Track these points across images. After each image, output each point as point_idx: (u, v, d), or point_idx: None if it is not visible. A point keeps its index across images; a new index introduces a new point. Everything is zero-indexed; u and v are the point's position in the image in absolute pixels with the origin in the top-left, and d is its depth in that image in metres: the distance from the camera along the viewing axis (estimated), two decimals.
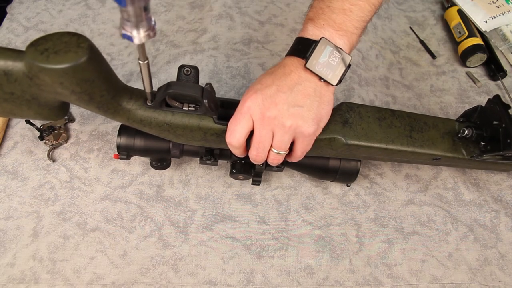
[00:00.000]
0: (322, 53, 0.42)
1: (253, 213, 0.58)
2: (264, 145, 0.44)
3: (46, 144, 0.61)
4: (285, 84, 0.42)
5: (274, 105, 0.41)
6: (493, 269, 0.55)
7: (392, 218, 0.58)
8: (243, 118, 0.43)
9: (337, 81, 0.43)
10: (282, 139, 0.43)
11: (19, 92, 0.40)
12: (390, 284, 0.53)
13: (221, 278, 0.53)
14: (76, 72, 0.36)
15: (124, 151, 0.52)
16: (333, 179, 0.56)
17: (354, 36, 0.45)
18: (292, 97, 0.42)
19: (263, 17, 0.77)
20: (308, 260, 0.55)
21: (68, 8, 0.77)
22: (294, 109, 0.42)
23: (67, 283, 0.51)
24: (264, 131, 0.43)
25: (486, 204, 0.60)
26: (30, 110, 0.43)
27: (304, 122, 0.42)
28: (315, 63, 0.42)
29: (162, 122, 0.45)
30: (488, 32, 0.77)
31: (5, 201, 0.57)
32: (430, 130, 0.53)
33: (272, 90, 0.42)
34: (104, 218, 0.56)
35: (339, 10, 0.44)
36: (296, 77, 0.43)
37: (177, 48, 0.72)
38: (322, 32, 0.44)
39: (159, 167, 0.56)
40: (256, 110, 0.42)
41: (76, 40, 0.36)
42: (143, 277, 0.52)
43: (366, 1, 0.45)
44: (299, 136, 0.43)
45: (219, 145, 0.49)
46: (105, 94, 0.41)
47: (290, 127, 0.42)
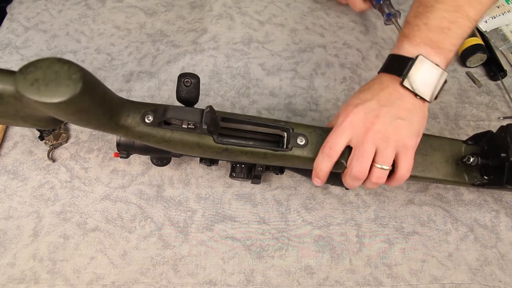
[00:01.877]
0: (419, 70, 0.42)
1: (253, 213, 0.58)
2: (368, 159, 0.42)
3: (46, 144, 0.61)
4: (385, 98, 0.42)
5: (377, 119, 0.41)
6: (493, 269, 0.55)
7: (392, 218, 0.58)
8: (344, 132, 0.42)
9: (433, 98, 0.43)
10: (385, 153, 0.42)
11: (13, 111, 0.40)
12: (390, 284, 0.53)
13: (221, 278, 0.53)
14: (69, 106, 0.34)
15: (124, 150, 0.52)
16: (333, 183, 0.56)
17: (451, 53, 0.44)
18: (394, 110, 0.42)
19: (263, 17, 0.77)
20: (308, 260, 0.54)
21: (68, 8, 0.77)
22: (397, 122, 0.41)
23: (67, 283, 0.51)
24: (368, 145, 0.42)
25: (486, 204, 0.60)
26: (26, 123, 0.43)
27: (407, 134, 0.42)
28: (412, 80, 0.42)
29: (161, 139, 0.44)
30: (488, 32, 0.77)
31: (5, 201, 0.57)
32: (435, 153, 0.52)
33: (373, 104, 0.42)
34: (104, 218, 0.56)
35: (437, 28, 0.43)
36: (394, 93, 0.42)
37: (177, 48, 0.72)
38: (418, 50, 0.43)
39: (160, 164, 0.56)
40: (359, 124, 0.42)
41: (67, 70, 0.34)
42: (143, 277, 0.52)
43: (466, 17, 0.43)
44: (401, 150, 0.43)
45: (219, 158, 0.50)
46: (101, 118, 0.40)
47: (394, 140, 0.42)
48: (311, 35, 0.75)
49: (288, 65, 0.71)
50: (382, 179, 0.44)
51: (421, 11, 0.44)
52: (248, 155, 0.46)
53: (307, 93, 0.68)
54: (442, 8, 0.43)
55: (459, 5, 0.42)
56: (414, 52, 0.43)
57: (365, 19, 0.78)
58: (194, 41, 0.72)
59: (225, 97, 0.67)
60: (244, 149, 0.46)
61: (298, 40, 0.74)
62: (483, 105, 0.70)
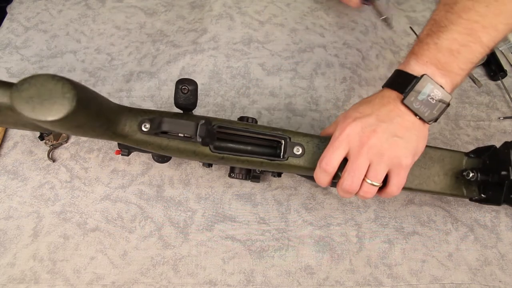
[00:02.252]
0: (422, 90, 0.41)
1: (253, 213, 0.58)
2: (360, 174, 0.42)
3: (46, 144, 0.61)
4: (384, 114, 0.42)
5: (374, 134, 0.41)
6: (493, 269, 0.55)
7: (392, 218, 0.58)
8: (340, 145, 0.42)
9: (433, 121, 0.43)
10: (378, 169, 0.42)
11: (12, 120, 0.41)
12: (390, 284, 0.53)
13: (221, 278, 0.53)
14: (64, 123, 0.35)
15: (125, 148, 0.52)
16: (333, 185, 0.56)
17: (459, 77, 0.43)
18: (392, 127, 0.41)
19: (263, 17, 0.77)
20: (308, 260, 0.54)
21: (68, 8, 0.77)
22: (393, 139, 0.41)
23: (67, 283, 0.51)
24: (361, 160, 0.42)
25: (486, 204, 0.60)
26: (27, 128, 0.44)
27: (402, 153, 0.41)
28: (413, 100, 0.41)
29: (158, 146, 0.45)
30: None
31: (5, 201, 0.57)
32: (434, 166, 0.51)
33: (372, 119, 0.42)
34: (104, 218, 0.56)
35: (446, 50, 0.42)
36: (395, 109, 0.42)
37: (177, 48, 0.72)
38: (424, 69, 0.42)
39: (161, 161, 0.56)
40: (355, 138, 0.42)
41: (61, 88, 0.34)
42: (143, 277, 0.52)
43: (479, 42, 0.41)
44: (395, 167, 0.42)
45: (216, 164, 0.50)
46: (98, 129, 0.41)
47: (388, 157, 0.41)
48: (311, 35, 0.75)
49: (288, 65, 0.71)
50: (371, 194, 0.44)
51: (434, 30, 0.43)
52: (244, 164, 0.47)
53: (307, 93, 0.68)
54: (455, 30, 0.41)
55: (473, 29, 0.41)
56: (420, 71, 0.42)
57: (365, 19, 0.78)
58: (194, 41, 0.72)
59: (225, 97, 0.67)
60: (240, 158, 0.46)
61: (298, 40, 0.74)
62: (483, 105, 0.70)
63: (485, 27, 0.41)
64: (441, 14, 0.43)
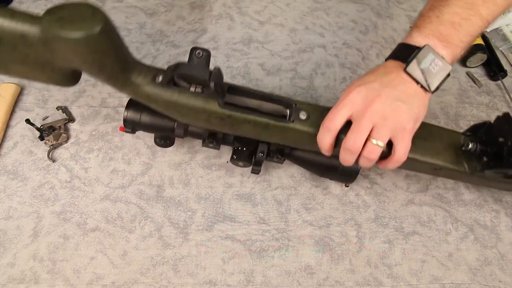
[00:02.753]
0: (424, 59, 0.43)
1: (253, 213, 0.58)
2: (363, 134, 0.43)
3: (46, 144, 0.61)
4: (388, 81, 0.43)
5: (378, 98, 0.42)
6: (493, 269, 0.55)
7: (392, 218, 0.58)
8: (345, 107, 0.43)
9: (434, 89, 0.44)
10: (381, 132, 0.43)
11: (34, 55, 0.42)
12: (390, 284, 0.53)
13: (221, 278, 0.53)
14: (89, 42, 0.37)
15: (130, 124, 0.53)
16: (332, 177, 0.57)
17: (458, 48, 0.45)
18: (395, 93, 0.43)
19: (263, 17, 0.77)
20: (308, 260, 0.54)
21: None
22: (397, 104, 0.42)
23: (67, 283, 0.51)
24: (365, 122, 0.43)
25: (486, 204, 0.60)
26: (43, 74, 0.44)
27: (405, 117, 0.43)
28: (415, 68, 0.43)
29: (168, 100, 0.45)
30: (489, 32, 0.77)
31: (5, 201, 0.57)
32: (435, 140, 0.52)
33: (376, 85, 0.43)
34: (104, 218, 0.56)
35: (448, 22, 0.44)
36: (397, 78, 0.44)
37: (177, 48, 0.72)
38: (426, 40, 0.44)
39: (163, 145, 0.56)
40: (359, 101, 0.43)
41: (91, 12, 0.38)
42: (143, 277, 0.52)
43: (479, 16, 0.44)
44: (398, 132, 0.43)
45: (222, 129, 0.50)
46: (115, 67, 0.42)
47: (392, 121, 0.42)
48: (311, 35, 0.75)
49: (288, 65, 0.71)
50: (375, 155, 0.44)
51: (436, 5, 0.45)
52: (251, 124, 0.47)
53: (307, 93, 0.68)
54: (457, 4, 0.44)
55: (473, 3, 0.43)
56: (422, 42, 0.44)
57: (365, 18, 0.78)
58: (194, 41, 0.72)
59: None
60: (247, 117, 0.47)
61: (298, 40, 0.74)
62: (483, 105, 0.70)
63: (485, 1, 0.43)
64: None
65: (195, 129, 0.54)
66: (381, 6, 0.81)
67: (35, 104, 0.65)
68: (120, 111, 0.65)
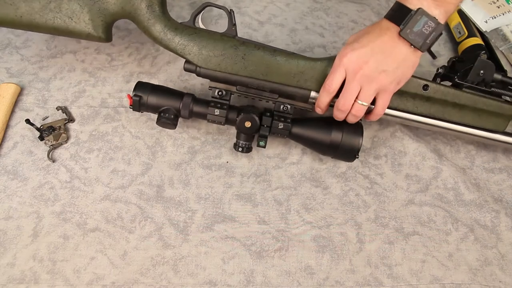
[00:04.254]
0: (417, 23, 0.47)
1: (253, 213, 0.58)
2: (352, 96, 0.51)
3: (46, 144, 0.61)
4: (378, 46, 0.49)
5: (366, 64, 0.49)
6: (494, 269, 0.55)
7: (392, 218, 0.58)
8: (339, 70, 0.50)
9: (426, 48, 0.49)
10: (367, 93, 0.50)
11: None
12: (390, 284, 0.53)
13: (221, 278, 0.53)
14: None
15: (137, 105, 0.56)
16: (334, 155, 0.58)
17: (451, 5, 0.49)
18: (382, 59, 0.48)
19: (263, 17, 0.77)
20: (308, 260, 0.54)
21: None
22: (382, 69, 0.49)
23: (67, 283, 0.51)
24: (354, 84, 0.50)
25: (486, 204, 0.60)
26: (86, 16, 0.53)
27: (388, 81, 0.49)
28: (408, 32, 0.48)
29: (192, 31, 0.54)
30: (488, 32, 0.77)
31: (5, 201, 0.57)
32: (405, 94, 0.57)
33: (367, 50, 0.49)
34: (104, 218, 0.56)
35: None
36: (389, 41, 0.49)
37: None
38: (420, 1, 0.48)
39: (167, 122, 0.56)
40: (350, 66, 0.49)
41: None
42: (143, 277, 0.52)
43: None
44: (381, 92, 0.51)
45: (234, 64, 0.54)
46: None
47: (376, 83, 0.49)
48: (311, 35, 0.75)
49: None
50: (361, 112, 0.52)
51: None
52: (260, 51, 0.54)
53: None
54: None
55: None
56: (416, 3, 0.48)
57: (365, 18, 0.78)
58: None
59: None
60: (258, 44, 0.55)
61: (298, 40, 0.74)
62: None
63: None
64: None
65: (200, 109, 0.56)
66: (381, 6, 0.81)
67: (35, 104, 0.65)
68: (120, 111, 0.65)
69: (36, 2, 0.53)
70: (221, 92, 0.56)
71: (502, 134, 0.59)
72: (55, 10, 0.54)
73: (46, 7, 0.53)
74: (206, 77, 0.56)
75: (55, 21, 0.54)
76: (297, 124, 0.57)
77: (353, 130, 0.56)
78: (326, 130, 0.56)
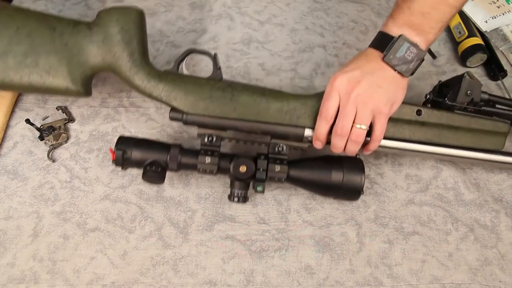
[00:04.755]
0: (399, 49, 0.49)
1: (253, 213, 0.58)
2: (349, 119, 0.49)
3: (46, 144, 0.61)
4: (367, 68, 0.49)
5: (358, 84, 0.48)
6: (494, 269, 0.55)
7: (392, 218, 0.58)
8: (332, 95, 0.50)
9: (409, 74, 0.50)
10: (364, 115, 0.49)
11: (73, 43, 0.52)
12: (390, 284, 0.53)
13: (221, 278, 0.53)
14: (131, 14, 0.52)
15: (120, 161, 0.52)
16: (336, 196, 0.55)
17: (431, 34, 0.50)
18: (373, 79, 0.49)
19: (263, 17, 0.77)
20: (308, 260, 0.54)
21: (68, 8, 0.77)
22: (374, 88, 0.49)
23: (67, 283, 0.51)
24: (349, 106, 0.49)
25: (486, 204, 0.60)
26: (65, 69, 0.51)
27: (382, 101, 0.49)
28: (392, 57, 0.49)
29: (176, 77, 0.53)
30: (489, 32, 0.77)
31: (5, 201, 0.57)
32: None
33: (356, 72, 0.49)
34: (104, 218, 0.56)
35: (418, 12, 0.49)
36: (376, 65, 0.50)
37: (177, 49, 0.72)
38: (401, 30, 0.50)
39: (153, 178, 0.52)
40: (343, 88, 0.49)
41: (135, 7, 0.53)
42: (143, 277, 0.52)
43: (447, 4, 0.48)
44: (377, 114, 0.50)
45: (223, 108, 0.52)
46: (141, 48, 0.53)
47: (371, 104, 0.49)
48: (311, 35, 0.75)
49: (288, 65, 0.71)
50: (361, 137, 0.50)
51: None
52: (249, 92, 0.53)
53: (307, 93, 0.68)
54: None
55: None
56: (397, 32, 0.50)
57: (365, 18, 0.78)
58: (194, 41, 0.72)
59: None
60: (246, 85, 0.54)
61: (298, 40, 0.74)
62: None
63: None
64: None
65: (189, 160, 0.52)
66: (381, 6, 0.81)
67: (35, 104, 0.65)
68: (120, 111, 0.65)
69: (10, 58, 0.50)
70: (211, 137, 0.53)
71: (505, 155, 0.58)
72: (31, 65, 0.50)
73: (22, 63, 0.50)
74: (194, 124, 0.53)
75: (30, 76, 0.51)
76: (294, 166, 0.53)
77: (353, 167, 0.53)
78: (326, 170, 0.53)
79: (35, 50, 0.51)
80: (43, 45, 0.51)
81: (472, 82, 0.54)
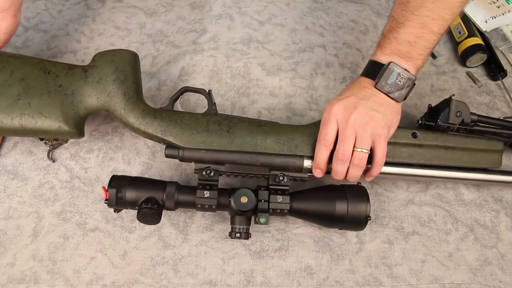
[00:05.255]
0: (390, 75, 0.50)
1: None
2: (349, 143, 0.49)
3: (46, 144, 0.61)
4: (362, 95, 0.51)
5: (355, 110, 0.49)
6: (494, 269, 0.55)
7: (392, 218, 0.58)
8: (330, 122, 0.50)
9: (402, 99, 0.51)
10: (363, 138, 0.49)
11: (67, 85, 0.52)
12: (390, 284, 0.53)
13: (221, 278, 0.53)
14: (125, 55, 0.54)
15: (114, 202, 0.49)
16: (342, 225, 0.53)
17: (419, 61, 0.51)
18: (369, 104, 0.50)
19: (263, 17, 0.77)
20: (308, 260, 0.54)
21: (68, 8, 0.77)
22: (371, 113, 0.49)
23: (67, 283, 0.51)
24: (348, 131, 0.49)
25: (486, 204, 0.60)
26: (58, 109, 0.51)
27: (380, 124, 0.49)
28: (383, 84, 0.50)
29: (172, 114, 0.53)
30: (488, 32, 0.77)
31: (5, 201, 0.57)
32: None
33: (352, 99, 0.50)
34: (104, 218, 0.56)
35: (405, 42, 0.50)
36: (370, 92, 0.51)
37: (177, 49, 0.72)
38: (389, 58, 0.51)
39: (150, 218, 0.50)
40: (340, 114, 0.50)
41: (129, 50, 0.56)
42: (143, 277, 0.52)
43: (431, 32, 0.50)
44: (376, 138, 0.50)
45: (219, 141, 0.51)
46: (135, 86, 0.54)
47: (370, 128, 0.49)
48: (311, 35, 0.75)
49: (288, 65, 0.71)
50: (363, 161, 0.50)
51: (393, 26, 0.51)
52: (245, 124, 0.53)
53: (307, 93, 0.68)
54: (411, 25, 0.50)
55: (425, 23, 0.49)
56: (386, 60, 0.51)
57: (365, 18, 0.78)
58: (194, 41, 0.72)
59: (225, 97, 0.67)
60: (242, 117, 0.54)
61: (298, 40, 0.74)
62: (483, 105, 0.70)
63: (434, 19, 0.49)
64: (398, 12, 0.51)
65: (186, 198, 0.51)
66: (381, 6, 0.81)
67: None
68: None
69: (3, 100, 0.50)
70: (209, 171, 0.51)
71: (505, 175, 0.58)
72: (24, 106, 0.50)
73: (14, 104, 0.50)
74: (191, 159, 0.52)
75: (22, 117, 0.50)
76: (296, 198, 0.51)
77: (357, 195, 0.51)
78: (330, 201, 0.51)
79: (28, 92, 0.51)
80: (37, 87, 0.51)
81: (459, 104, 0.55)
